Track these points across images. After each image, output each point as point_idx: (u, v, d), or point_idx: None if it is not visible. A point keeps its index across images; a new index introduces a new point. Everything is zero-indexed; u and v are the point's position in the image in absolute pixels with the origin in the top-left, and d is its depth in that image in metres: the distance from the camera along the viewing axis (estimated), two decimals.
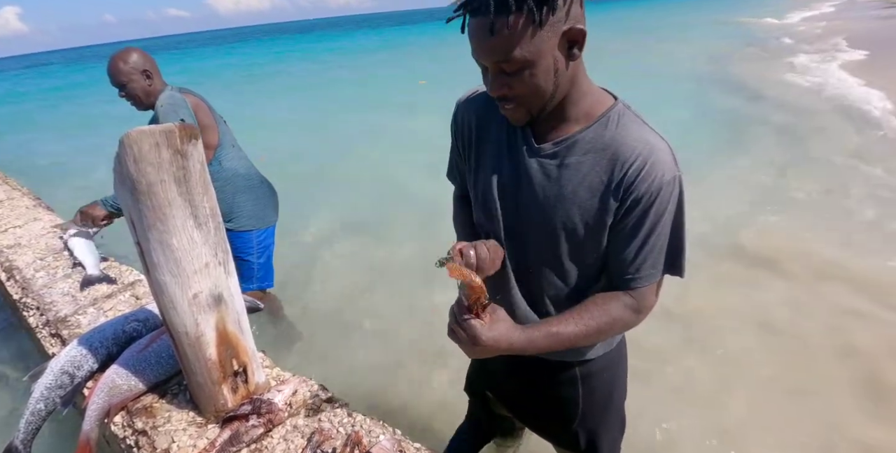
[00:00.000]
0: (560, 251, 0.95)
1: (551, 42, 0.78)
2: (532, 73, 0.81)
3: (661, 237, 0.89)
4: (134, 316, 1.57)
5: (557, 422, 1.21)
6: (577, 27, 0.78)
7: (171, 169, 1.00)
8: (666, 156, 0.86)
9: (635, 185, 0.85)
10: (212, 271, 1.11)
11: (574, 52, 0.81)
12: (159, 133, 0.97)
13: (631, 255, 0.90)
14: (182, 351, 1.16)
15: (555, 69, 0.81)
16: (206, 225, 1.08)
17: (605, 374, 1.14)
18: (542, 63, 0.80)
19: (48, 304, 1.94)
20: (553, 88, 0.83)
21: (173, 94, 2.03)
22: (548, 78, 0.82)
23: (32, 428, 1.39)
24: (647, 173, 0.85)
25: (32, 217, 3.11)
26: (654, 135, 0.88)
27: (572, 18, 0.78)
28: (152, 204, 1.00)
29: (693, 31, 18.52)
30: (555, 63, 0.81)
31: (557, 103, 0.88)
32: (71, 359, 1.45)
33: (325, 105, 10.66)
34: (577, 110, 0.89)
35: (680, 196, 0.88)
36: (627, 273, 0.92)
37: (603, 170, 0.88)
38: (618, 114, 0.89)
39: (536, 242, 0.97)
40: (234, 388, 1.24)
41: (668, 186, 0.86)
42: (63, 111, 12.86)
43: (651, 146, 0.86)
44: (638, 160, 0.85)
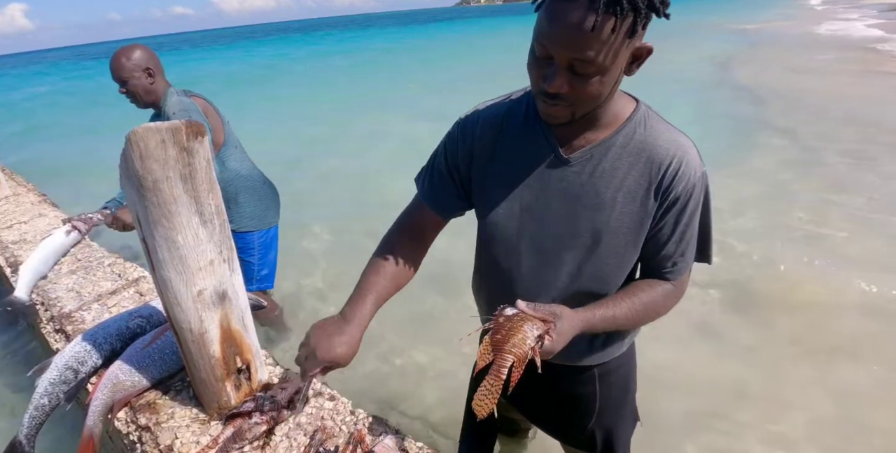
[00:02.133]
0: (599, 259, 0.95)
1: (627, 54, 0.79)
2: (601, 81, 0.79)
3: (695, 230, 0.96)
4: (138, 312, 1.57)
5: (572, 421, 1.21)
6: (647, 45, 0.80)
7: (176, 166, 1.00)
8: (694, 153, 0.91)
9: (673, 186, 0.89)
10: (216, 268, 1.11)
11: (633, 67, 0.82)
12: (166, 130, 0.97)
13: (671, 251, 0.96)
14: (186, 347, 1.16)
15: (616, 81, 0.82)
16: (212, 222, 1.08)
17: (621, 370, 1.17)
18: (612, 72, 0.79)
19: (52, 300, 1.94)
20: (606, 96, 0.84)
21: (182, 100, 2.03)
22: (610, 87, 0.82)
23: (36, 423, 1.39)
24: (683, 173, 0.88)
25: (37, 213, 3.12)
26: (680, 135, 0.92)
27: (643, 35, 0.79)
28: (158, 200, 1.00)
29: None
30: (619, 75, 0.81)
31: (593, 115, 0.88)
32: (75, 355, 1.45)
33: (320, 106, 10.68)
34: (610, 117, 0.90)
35: (707, 189, 0.94)
36: (666, 267, 0.97)
37: (640, 174, 0.90)
38: (643, 116, 0.91)
39: (571, 255, 0.96)
40: (238, 385, 1.24)
41: (700, 183, 0.91)
42: (69, 109, 12.91)
43: (682, 146, 0.90)
44: (674, 161, 0.88)
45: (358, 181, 5.62)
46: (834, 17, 21.87)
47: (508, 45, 20.09)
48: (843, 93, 7.83)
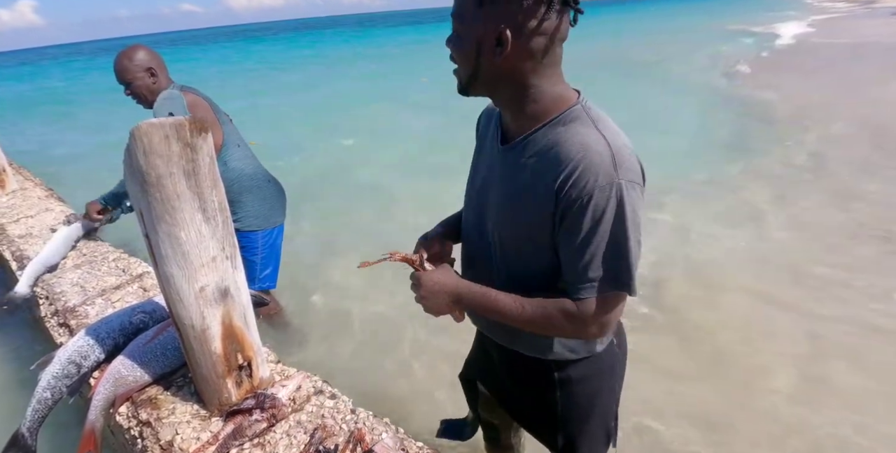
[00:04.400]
0: (508, 253, 0.99)
1: (480, 29, 0.84)
2: (460, 43, 0.88)
3: (598, 247, 0.85)
4: (141, 307, 1.58)
5: (539, 422, 1.21)
6: (505, 31, 0.82)
7: (180, 162, 1.00)
8: (602, 159, 0.82)
9: (566, 192, 0.83)
10: (219, 265, 1.11)
11: (498, 49, 0.84)
12: (170, 126, 0.97)
13: (568, 264, 0.89)
14: (188, 343, 1.16)
15: (476, 52, 0.86)
16: (215, 219, 1.08)
17: (585, 385, 1.10)
18: (467, 39, 0.86)
19: (57, 294, 1.95)
20: (473, 68, 0.88)
21: (172, 92, 2.02)
22: (468, 55, 0.87)
23: (39, 417, 1.40)
24: (579, 178, 0.82)
25: (44, 207, 3.14)
26: (595, 138, 0.84)
27: (511, 22, 0.81)
28: (161, 196, 1.00)
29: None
30: (478, 47, 0.85)
31: (512, 100, 0.91)
32: (78, 349, 1.46)
33: (330, 101, 10.69)
34: (535, 109, 0.89)
35: (620, 206, 0.82)
36: (567, 281, 0.90)
37: (544, 174, 0.87)
38: (572, 114, 0.88)
39: (493, 243, 1.01)
40: (239, 382, 1.24)
41: (601, 192, 0.81)
42: (76, 104, 12.97)
43: (589, 150, 0.82)
44: (570, 164, 0.83)
45: (362, 175, 5.62)
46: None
47: None
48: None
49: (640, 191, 0.85)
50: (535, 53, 0.84)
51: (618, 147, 0.83)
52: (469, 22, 0.85)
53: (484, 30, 0.83)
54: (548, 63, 0.86)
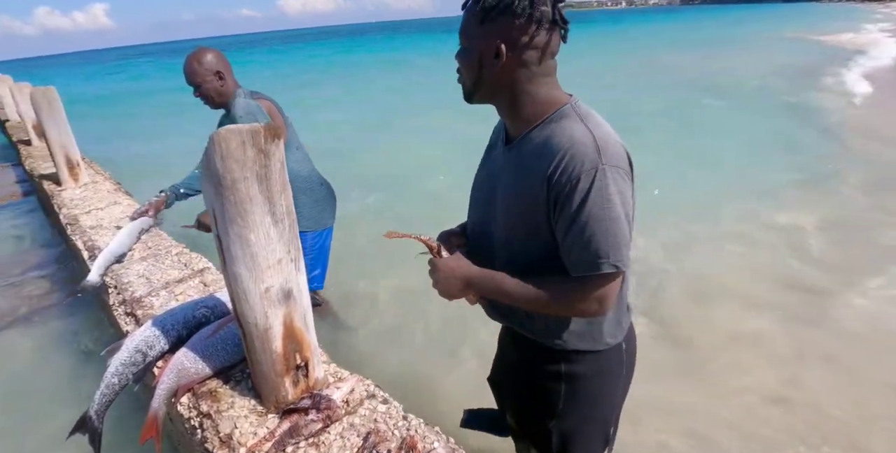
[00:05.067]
0: (510, 245, 1.07)
1: (481, 44, 0.97)
2: (465, 56, 1.01)
3: (588, 226, 0.92)
4: (203, 302, 1.64)
5: (535, 414, 1.22)
6: (500, 45, 0.95)
7: (254, 167, 1.04)
8: (586, 148, 0.91)
9: (556, 179, 0.92)
10: (284, 267, 1.14)
11: (496, 61, 0.96)
12: (246, 132, 1.01)
13: (564, 245, 0.97)
14: (250, 341, 1.20)
15: (478, 64, 0.98)
16: (283, 222, 1.12)
17: (591, 381, 1.15)
18: (471, 52, 0.99)
19: (125, 284, 2.06)
20: (476, 78, 1.01)
21: (249, 103, 2.10)
22: (472, 66, 1.00)
23: (106, 401, 1.48)
24: (567, 165, 0.91)
25: (113, 201, 3.32)
26: (582, 130, 0.94)
27: (506, 38, 0.94)
28: (235, 199, 1.04)
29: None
30: (480, 59, 0.98)
31: (510, 105, 1.02)
32: (145, 339, 1.53)
33: (378, 106, 10.85)
34: (529, 113, 1.00)
35: (605, 188, 0.91)
36: (564, 260, 0.98)
37: (538, 166, 0.96)
38: (562, 113, 0.98)
39: (494, 237, 1.11)
40: (296, 382, 1.27)
41: (586, 176, 0.90)
42: (145, 104, 13.69)
43: (573, 140, 0.92)
44: (559, 154, 0.92)
45: (409, 178, 5.68)
46: None
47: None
48: None
49: (624, 174, 0.93)
50: (529, 64, 0.96)
51: (601, 137, 0.93)
52: (472, 37, 0.99)
53: (484, 44, 0.96)
54: (541, 73, 0.98)
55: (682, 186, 4.95)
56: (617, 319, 1.12)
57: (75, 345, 3.07)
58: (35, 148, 5.73)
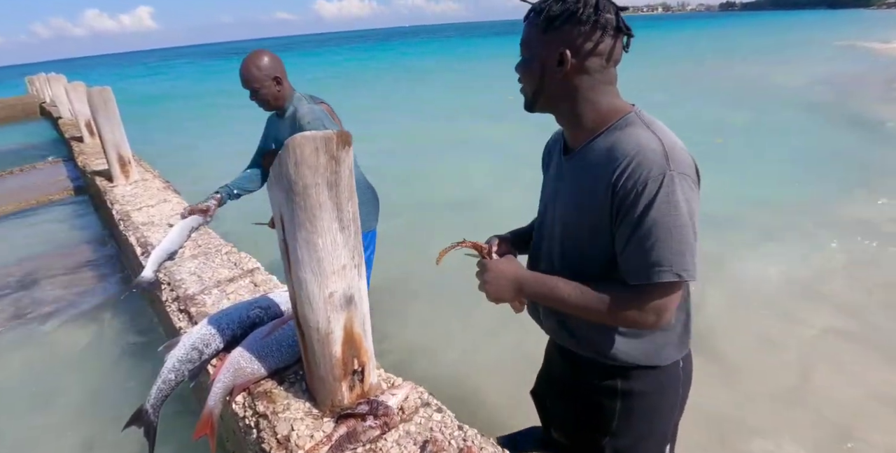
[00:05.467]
0: (567, 252, 1.07)
1: (544, 52, 0.98)
2: (527, 65, 1.02)
3: (653, 233, 0.90)
4: (257, 303, 1.67)
5: (587, 431, 1.19)
6: (565, 52, 0.95)
7: (325, 173, 1.05)
8: (654, 155, 0.90)
9: (622, 184, 0.91)
10: (347, 273, 1.15)
11: (559, 69, 0.97)
12: (320, 139, 1.02)
13: (625, 253, 0.95)
14: (310, 345, 1.21)
15: (540, 72, 0.99)
16: (349, 228, 1.12)
17: (649, 398, 1.12)
18: (533, 61, 1.00)
19: (178, 281, 2.11)
20: (537, 87, 1.01)
21: (314, 109, 2.13)
22: (534, 75, 1.01)
23: (162, 396, 1.51)
24: (633, 171, 0.90)
25: (163, 198, 3.42)
26: (649, 137, 0.93)
27: (570, 45, 0.95)
28: (305, 205, 1.05)
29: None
30: (542, 67, 0.99)
31: (572, 114, 1.01)
32: (201, 337, 1.56)
33: (415, 110, 10.91)
34: (592, 121, 1.00)
35: (672, 194, 0.89)
36: (624, 270, 0.96)
37: (603, 172, 0.95)
38: (627, 120, 0.97)
39: (554, 244, 1.11)
40: (351, 386, 1.27)
41: (653, 183, 0.89)
42: (189, 102, 14.11)
43: (640, 146, 0.91)
44: (625, 160, 0.91)
45: (458, 187, 5.70)
46: None
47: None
48: None
49: (692, 182, 0.92)
50: (592, 72, 0.96)
51: (670, 144, 0.92)
52: (534, 47, 0.99)
53: (547, 53, 0.97)
54: (603, 81, 0.98)
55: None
56: (678, 335, 1.09)
57: (123, 338, 3.18)
58: (87, 145, 5.96)
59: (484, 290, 1.10)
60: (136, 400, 2.44)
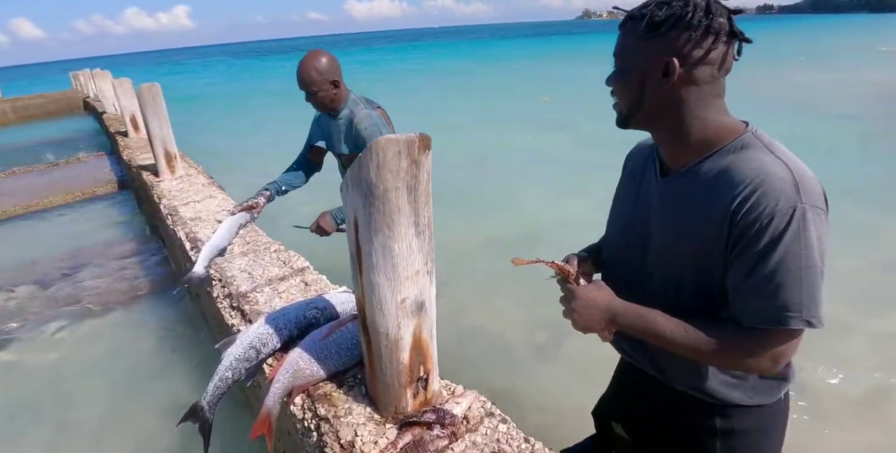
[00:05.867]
0: (666, 280, 0.98)
1: (646, 61, 0.89)
2: (624, 77, 0.93)
3: (778, 273, 0.81)
4: (313, 303, 1.67)
5: None
6: (672, 61, 0.86)
7: (406, 177, 1.03)
8: (784, 184, 0.80)
9: (743, 215, 0.82)
10: (420, 279, 1.13)
11: (664, 80, 0.88)
12: (403, 142, 1.00)
13: (742, 291, 0.86)
14: (377, 351, 1.19)
15: (640, 84, 0.90)
16: (424, 233, 1.10)
17: (752, 437, 1.03)
18: (631, 72, 0.91)
19: (229, 278, 2.13)
20: (636, 100, 0.92)
21: (371, 114, 2.13)
22: (632, 87, 0.92)
23: (219, 393, 1.52)
24: (758, 201, 0.81)
25: (208, 194, 3.47)
26: (773, 163, 0.83)
27: (678, 53, 0.85)
28: (384, 209, 1.03)
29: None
30: (642, 79, 0.90)
31: (675, 131, 0.92)
32: (259, 336, 1.57)
33: (445, 114, 10.89)
34: (699, 140, 0.91)
35: (803, 230, 0.79)
36: (737, 305, 0.87)
37: (715, 200, 0.87)
38: (743, 142, 0.88)
39: (653, 267, 1.00)
40: (415, 394, 1.25)
41: (781, 216, 0.80)
42: (223, 100, 14.39)
43: (766, 173, 0.82)
44: (748, 188, 0.82)
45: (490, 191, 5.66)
46: None
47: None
48: None
49: (824, 216, 0.82)
50: (701, 83, 0.87)
51: (800, 172, 0.82)
52: (632, 57, 0.91)
53: (649, 63, 0.88)
54: (713, 93, 0.89)
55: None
56: (783, 372, 1.01)
57: (168, 332, 3.24)
58: (131, 139, 6.12)
59: (571, 319, 1.01)
60: (178, 390, 2.48)
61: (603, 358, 1.40)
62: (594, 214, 1.53)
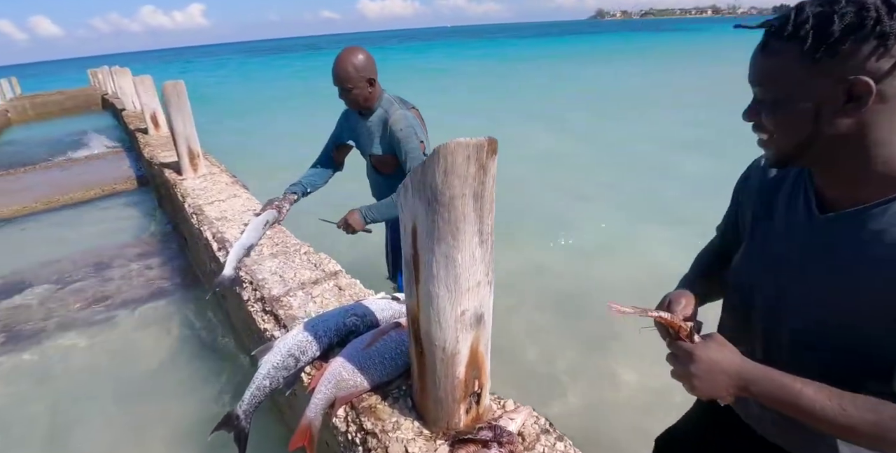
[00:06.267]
0: (834, 338, 0.80)
1: (819, 84, 0.72)
2: (782, 110, 0.76)
3: None
4: (353, 310, 1.61)
5: None
6: (866, 82, 0.68)
7: (473, 183, 0.97)
8: None
9: None
10: (481, 290, 1.07)
11: (849, 106, 0.71)
12: (472, 146, 0.94)
13: None
14: (430, 364, 1.14)
15: (814, 115, 0.74)
16: (486, 242, 1.04)
17: None
18: (798, 103, 0.74)
19: (260, 281, 2.09)
20: (809, 136, 0.76)
21: (407, 115, 2.08)
22: (802, 122, 0.75)
23: (256, 402, 1.47)
24: None
25: (232, 193, 3.43)
26: None
27: (862, 70, 0.68)
28: (449, 217, 0.98)
29: None
30: (816, 109, 0.73)
31: (854, 164, 0.76)
32: (297, 344, 1.52)
33: (465, 113, 10.83)
34: (884, 173, 0.75)
35: None
36: None
37: None
38: None
39: (808, 324, 0.84)
40: (468, 409, 1.20)
41: None
42: (241, 96, 14.43)
43: None
44: None
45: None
46: None
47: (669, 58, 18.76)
48: None
49: None
50: (890, 100, 0.70)
51: None
52: (798, 83, 0.73)
53: (827, 87, 0.71)
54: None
55: None
56: None
57: (191, 333, 3.21)
58: (152, 136, 6.12)
59: (688, 384, 0.84)
60: (204, 394, 2.43)
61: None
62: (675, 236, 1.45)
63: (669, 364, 0.88)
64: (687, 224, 4.14)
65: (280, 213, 2.59)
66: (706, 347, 0.83)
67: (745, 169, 1.05)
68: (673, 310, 0.96)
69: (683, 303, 0.97)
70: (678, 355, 0.86)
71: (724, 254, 1.09)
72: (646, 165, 6.49)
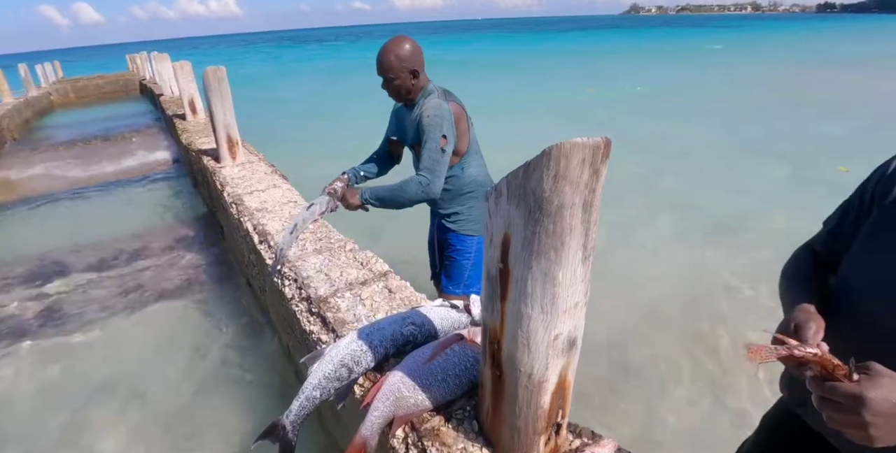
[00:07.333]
0: None
1: None
2: None
3: None
4: (410, 318, 1.50)
5: None
6: None
7: (584, 191, 0.83)
8: None
9: None
10: (578, 312, 0.94)
11: None
12: (589, 148, 0.80)
13: None
14: (511, 391, 1.01)
15: None
16: (589, 258, 0.91)
17: None
18: None
19: (305, 279, 1.99)
20: None
21: (441, 104, 1.96)
22: None
23: (304, 413, 1.37)
24: None
25: (272, 183, 3.35)
26: None
27: None
28: (554, 230, 0.84)
29: None
30: None
31: None
32: (351, 353, 1.41)
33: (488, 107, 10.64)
34: None
35: None
36: None
37: None
38: None
39: None
40: (547, 440, 1.07)
41: None
42: (274, 87, 14.46)
43: None
44: None
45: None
46: None
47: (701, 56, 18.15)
48: None
49: None
50: None
51: None
52: None
53: None
54: None
55: None
56: None
57: (220, 325, 3.15)
58: (189, 123, 6.12)
59: (862, 434, 0.67)
60: (242, 395, 2.34)
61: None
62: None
63: (823, 411, 0.70)
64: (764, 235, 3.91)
65: (334, 199, 2.40)
66: (878, 386, 0.66)
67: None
68: (804, 337, 0.79)
69: (814, 329, 0.80)
70: (841, 400, 0.68)
71: (827, 259, 0.99)
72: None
